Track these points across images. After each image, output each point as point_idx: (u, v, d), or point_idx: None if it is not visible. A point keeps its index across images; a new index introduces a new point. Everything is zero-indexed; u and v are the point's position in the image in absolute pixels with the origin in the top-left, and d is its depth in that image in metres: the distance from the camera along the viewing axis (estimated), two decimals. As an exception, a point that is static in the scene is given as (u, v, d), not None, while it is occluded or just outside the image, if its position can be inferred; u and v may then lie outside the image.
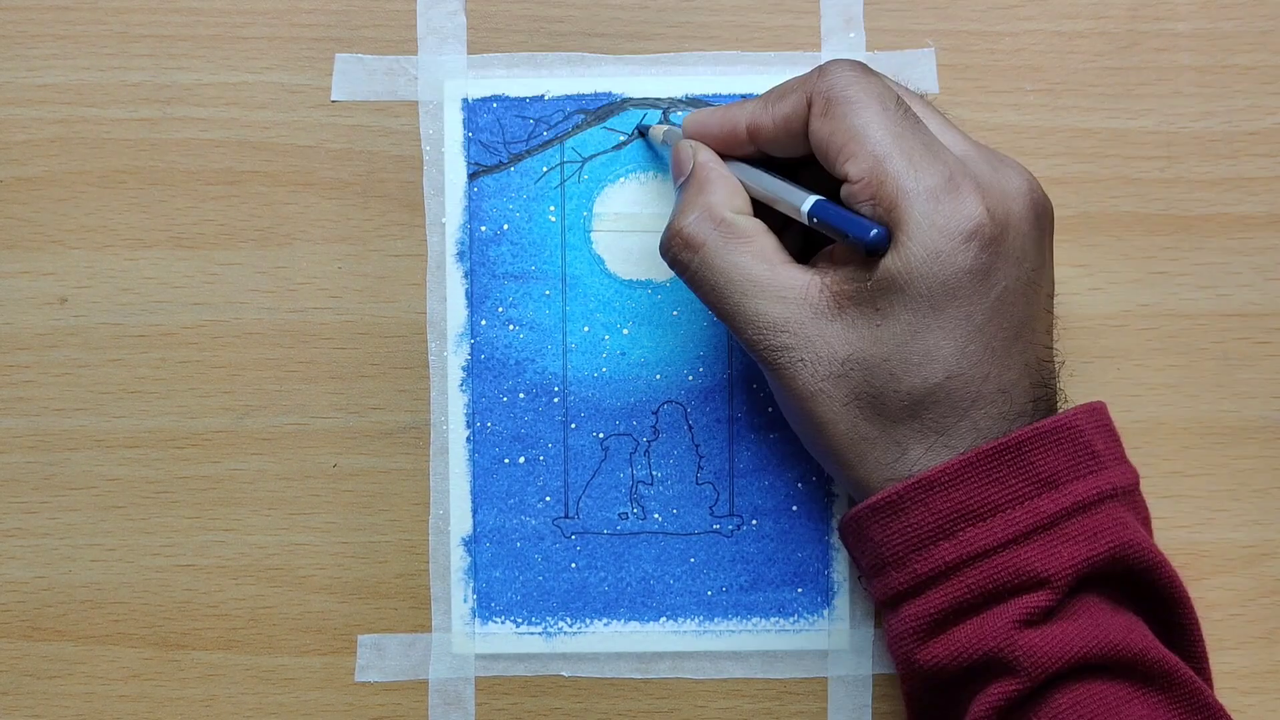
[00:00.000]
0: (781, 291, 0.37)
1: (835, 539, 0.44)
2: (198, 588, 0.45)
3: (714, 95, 0.44)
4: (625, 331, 0.44)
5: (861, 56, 0.44)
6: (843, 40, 0.44)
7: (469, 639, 0.44)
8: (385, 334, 0.44)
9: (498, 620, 0.44)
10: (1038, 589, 0.35)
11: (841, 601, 0.44)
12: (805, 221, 0.37)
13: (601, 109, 0.44)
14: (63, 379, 0.44)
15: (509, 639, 0.44)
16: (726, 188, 0.39)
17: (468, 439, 0.44)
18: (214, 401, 0.44)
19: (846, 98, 0.37)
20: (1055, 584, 0.35)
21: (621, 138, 0.44)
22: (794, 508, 0.44)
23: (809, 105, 0.38)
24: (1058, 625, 0.35)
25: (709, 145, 0.41)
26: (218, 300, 0.44)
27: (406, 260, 0.44)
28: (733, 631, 0.44)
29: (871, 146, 0.36)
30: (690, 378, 0.44)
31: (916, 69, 0.44)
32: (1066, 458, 0.36)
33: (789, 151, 0.39)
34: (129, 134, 0.44)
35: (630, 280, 0.44)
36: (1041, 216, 0.37)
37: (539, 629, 0.44)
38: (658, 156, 0.44)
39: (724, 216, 0.38)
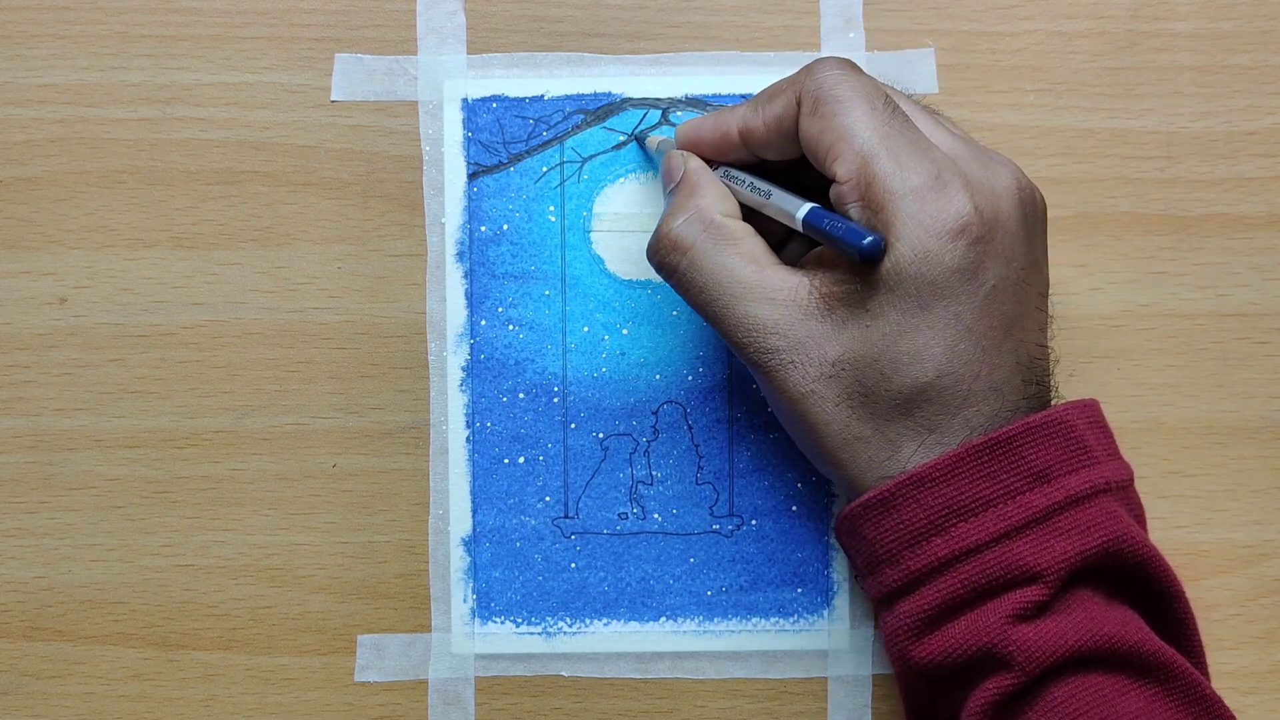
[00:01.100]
0: (770, 293, 0.37)
1: (835, 539, 0.44)
2: (198, 588, 0.45)
3: (714, 95, 0.44)
4: (625, 331, 0.44)
5: (861, 56, 0.44)
6: (842, 40, 0.44)
7: (469, 639, 0.44)
8: (385, 334, 0.44)
9: (497, 620, 0.44)
10: (1030, 583, 0.35)
11: (841, 601, 0.44)
12: (799, 229, 0.37)
13: (601, 109, 0.44)
14: (63, 379, 0.44)
15: (509, 639, 0.44)
16: (715, 192, 0.39)
17: (467, 439, 0.44)
18: (214, 401, 0.44)
19: (835, 96, 0.37)
20: (1048, 578, 0.35)
21: (621, 138, 0.44)
22: (794, 508, 0.44)
23: (798, 104, 0.38)
24: (1051, 620, 0.35)
25: (703, 151, 0.41)
26: (218, 300, 0.44)
27: (406, 260, 0.44)
28: (733, 631, 0.44)
29: (859, 146, 0.36)
30: (690, 378, 0.44)
31: (916, 69, 0.44)
32: (1058, 452, 0.36)
33: (782, 154, 0.39)
34: (129, 134, 0.44)
35: (630, 280, 0.44)
36: (1030, 214, 0.37)
37: (539, 629, 0.44)
38: (657, 157, 0.44)
39: (713, 219, 0.39)
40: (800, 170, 0.40)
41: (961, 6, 0.44)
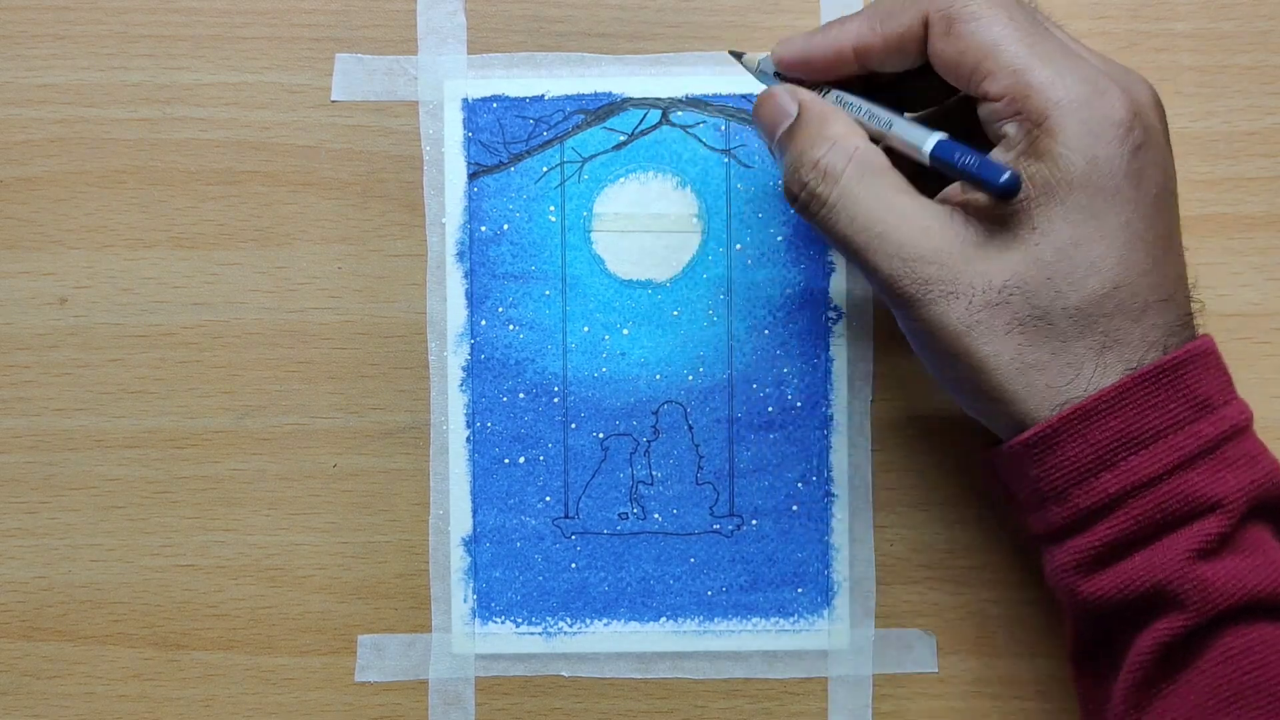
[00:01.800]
0: (926, 221, 0.35)
1: (835, 539, 0.44)
2: (198, 588, 0.45)
3: (714, 95, 0.44)
4: (625, 331, 0.44)
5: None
6: (843, 40, 0.44)
7: (469, 639, 0.44)
8: (385, 334, 0.44)
9: (498, 620, 0.44)
10: (1210, 514, 0.34)
11: (841, 601, 0.44)
12: (925, 161, 0.36)
13: (601, 109, 0.44)
14: (63, 379, 0.44)
15: (509, 639, 0.44)
16: (849, 123, 0.37)
17: (468, 439, 0.44)
18: (214, 401, 0.44)
19: (971, 14, 0.35)
20: (1229, 508, 0.34)
21: (621, 138, 0.44)
22: (794, 508, 0.44)
23: (925, 25, 0.36)
24: (1231, 559, 0.34)
25: (812, 69, 0.38)
26: (218, 300, 0.44)
27: (406, 260, 0.44)
28: (733, 631, 0.44)
29: (1009, 60, 0.34)
30: (690, 378, 0.44)
31: (916, 69, 0.44)
32: (1215, 381, 0.35)
33: (900, 67, 0.37)
34: (129, 134, 0.44)
35: (630, 280, 0.44)
36: (1165, 125, 0.36)
37: (539, 629, 0.44)
38: (657, 156, 0.44)
39: (858, 145, 0.36)
40: (907, 82, 0.38)
41: (961, 6, 0.44)
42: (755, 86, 0.43)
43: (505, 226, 0.44)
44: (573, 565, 0.44)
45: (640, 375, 0.44)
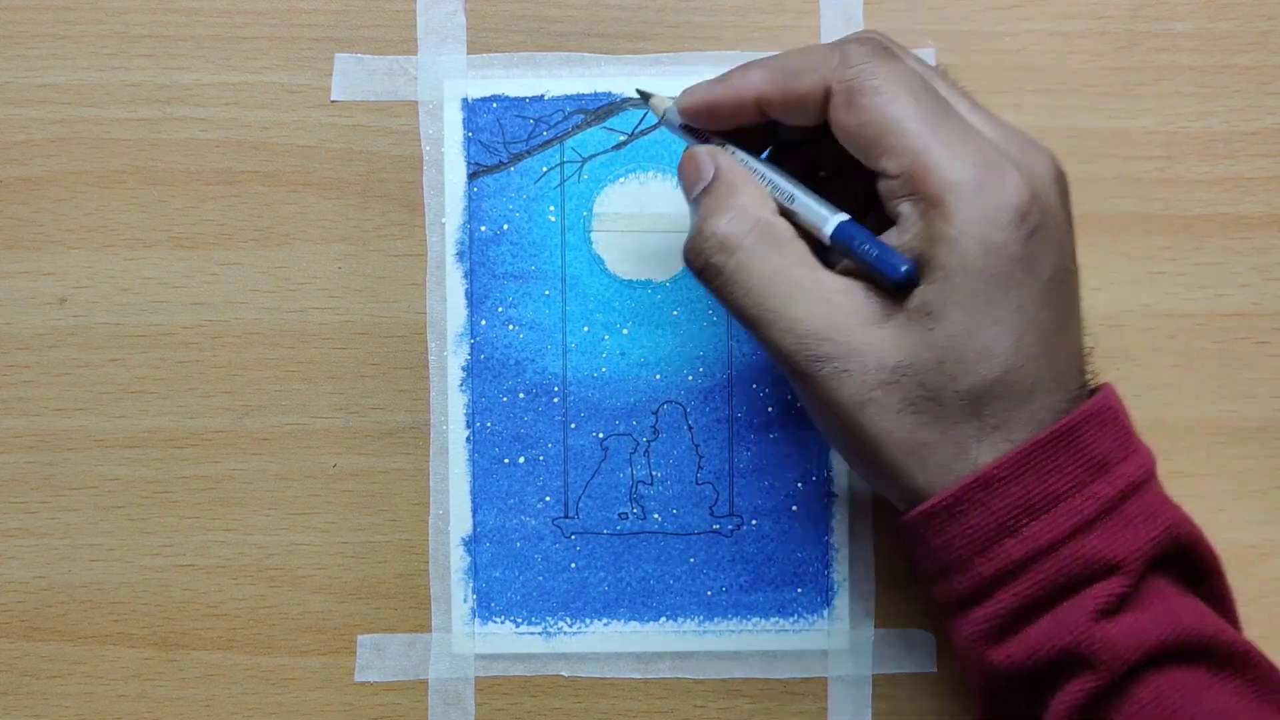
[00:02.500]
0: (825, 296, 0.35)
1: (835, 539, 0.44)
2: (198, 588, 0.45)
3: (714, 95, 0.44)
4: (625, 331, 0.44)
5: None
6: (842, 40, 0.44)
7: (469, 639, 0.44)
8: (385, 334, 0.44)
9: (497, 620, 0.44)
10: (1110, 575, 0.34)
11: (841, 601, 0.44)
12: (827, 239, 0.36)
13: (601, 109, 0.44)
14: (63, 379, 0.44)
15: (509, 639, 0.44)
16: (757, 192, 0.37)
17: (467, 439, 0.44)
18: (214, 401, 0.44)
19: (873, 88, 0.35)
20: (1128, 568, 0.34)
21: (621, 138, 0.44)
22: (794, 508, 0.44)
23: (827, 93, 0.36)
24: (1132, 614, 0.34)
25: (714, 119, 0.38)
26: (218, 300, 0.44)
27: (406, 260, 0.44)
28: (733, 631, 0.44)
29: (908, 140, 0.34)
30: (690, 378, 0.44)
31: (916, 69, 0.44)
32: (1112, 439, 0.35)
33: (801, 124, 0.37)
34: (129, 134, 0.44)
35: (630, 280, 0.44)
36: (1067, 198, 0.36)
37: (539, 629, 0.44)
38: (657, 156, 0.44)
39: (760, 216, 0.36)
40: (816, 139, 0.38)
41: (961, 6, 0.44)
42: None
43: (505, 226, 0.44)
44: (572, 565, 0.44)
45: (640, 375, 0.44)
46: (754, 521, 0.44)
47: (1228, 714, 0.34)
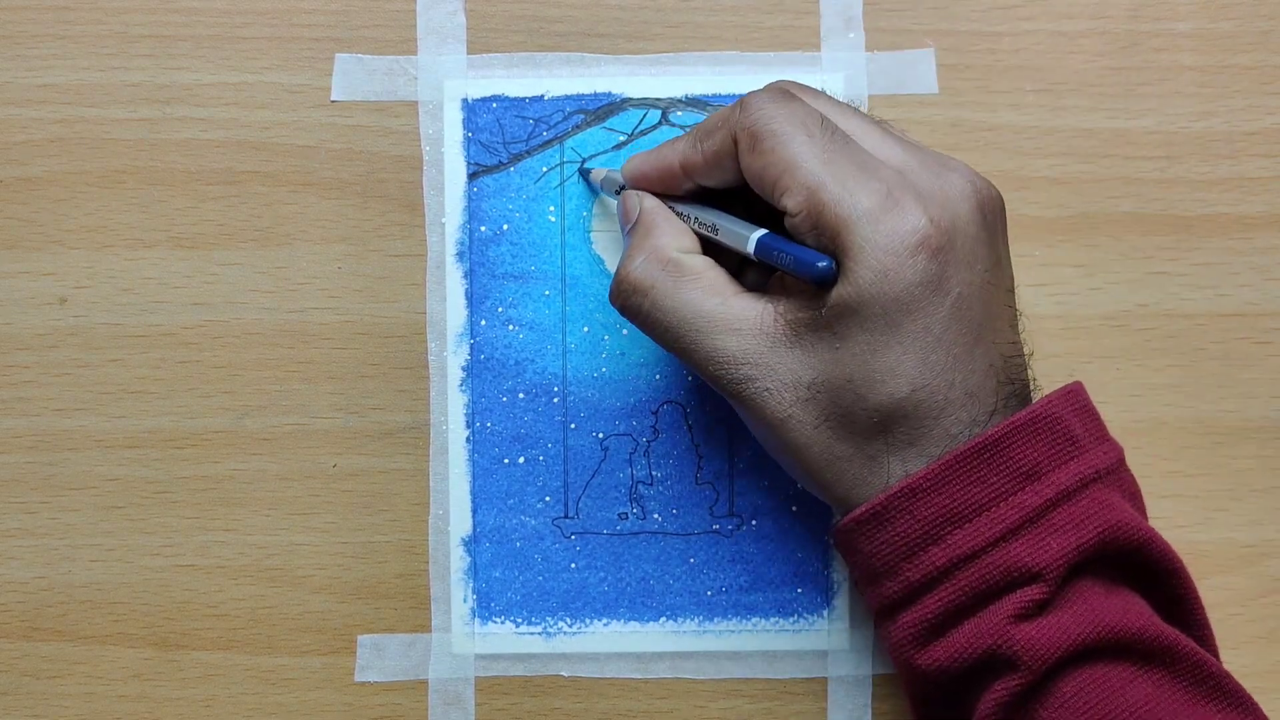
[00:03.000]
0: (735, 324, 0.37)
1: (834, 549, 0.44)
2: (198, 588, 0.45)
3: (714, 95, 0.44)
4: (625, 332, 0.44)
5: (861, 57, 0.44)
6: (842, 40, 0.44)
7: (469, 639, 0.44)
8: (385, 334, 0.44)
9: (497, 620, 0.44)
10: (1030, 583, 0.35)
11: (841, 601, 0.44)
12: (752, 255, 0.37)
13: (601, 109, 0.44)
14: (63, 379, 0.44)
15: (509, 639, 0.44)
16: (672, 230, 0.40)
17: (467, 439, 0.44)
18: (214, 401, 0.44)
19: (771, 131, 0.37)
20: (1047, 576, 0.35)
21: (621, 138, 0.44)
22: (794, 508, 0.44)
23: (735, 142, 0.38)
24: (1053, 615, 0.35)
25: (650, 186, 0.41)
26: (218, 300, 0.44)
27: (406, 260, 0.44)
28: (733, 631, 0.44)
29: (804, 178, 0.36)
30: (690, 378, 0.44)
31: (916, 69, 0.44)
32: (1045, 447, 0.36)
33: (726, 184, 0.39)
34: (129, 134, 0.44)
35: (630, 280, 0.44)
36: (990, 215, 0.37)
37: (539, 629, 0.44)
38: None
39: (670, 256, 0.39)
40: (744, 196, 0.40)
41: (961, 6, 0.44)
42: (755, 86, 0.43)
43: (505, 226, 0.44)
44: (572, 565, 0.44)
45: (640, 375, 0.44)
46: (754, 521, 0.44)
47: (1150, 706, 0.35)
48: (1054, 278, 0.44)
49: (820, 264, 0.35)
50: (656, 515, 0.44)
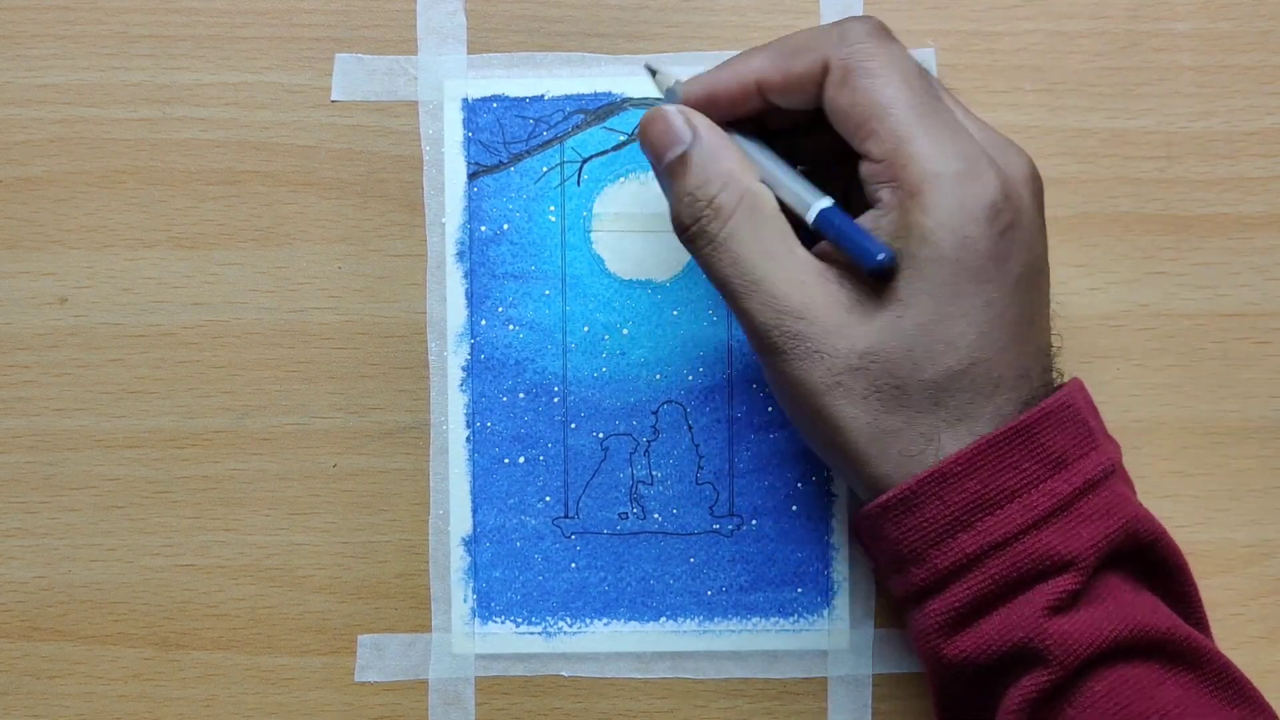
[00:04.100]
0: (803, 276, 0.36)
1: (835, 539, 0.44)
2: (198, 588, 0.45)
3: (714, 95, 0.44)
4: (625, 331, 0.44)
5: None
6: (842, 40, 0.44)
7: (469, 639, 0.44)
8: (385, 334, 0.44)
9: (498, 620, 0.44)
10: (1063, 572, 0.35)
11: (841, 601, 0.44)
12: (810, 223, 0.36)
13: (601, 109, 0.44)
14: (63, 379, 0.44)
15: (509, 639, 0.44)
16: (741, 159, 0.37)
17: (467, 439, 0.44)
18: (214, 401, 0.44)
19: (867, 69, 0.35)
20: (1080, 565, 0.34)
21: (621, 138, 0.44)
22: (794, 508, 0.44)
23: (825, 70, 0.36)
24: (1086, 610, 0.35)
25: (719, 106, 0.38)
26: (218, 300, 0.44)
27: (406, 260, 0.44)
28: (733, 631, 0.44)
29: (894, 125, 0.35)
30: (690, 378, 0.44)
31: (916, 69, 0.44)
32: (1070, 436, 0.36)
33: (800, 106, 0.37)
34: (129, 134, 0.44)
35: (630, 280, 0.44)
36: (1040, 200, 0.37)
37: (539, 629, 0.44)
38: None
39: (750, 186, 0.37)
40: (803, 132, 0.38)
41: (961, 6, 0.44)
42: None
43: (505, 226, 0.44)
44: (572, 565, 0.44)
45: (640, 375, 0.44)
46: (754, 521, 0.44)
47: (1180, 708, 0.34)
48: (1053, 277, 0.44)
49: (880, 255, 0.34)
50: (656, 515, 0.44)
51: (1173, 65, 0.44)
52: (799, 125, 0.39)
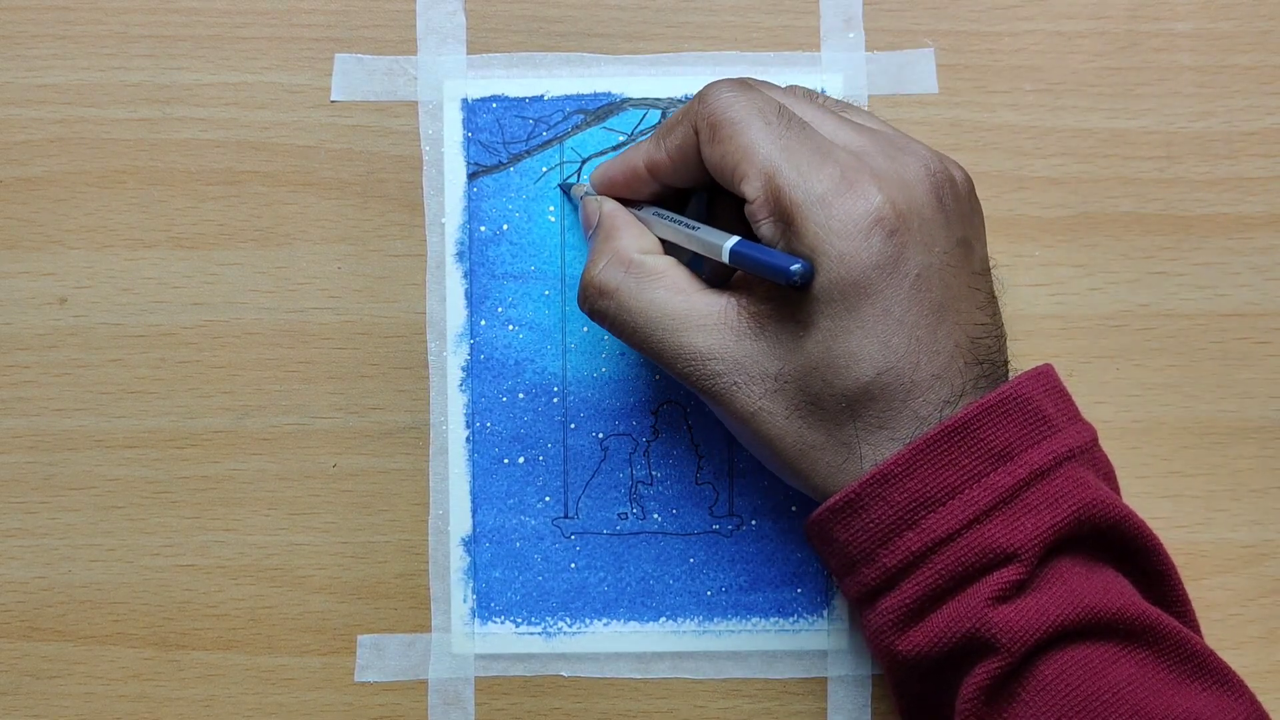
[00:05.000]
0: (701, 321, 0.38)
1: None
2: (198, 588, 0.45)
3: (714, 95, 0.44)
4: (625, 331, 0.44)
5: (861, 56, 0.44)
6: (842, 40, 0.44)
7: (469, 639, 0.44)
8: (385, 334, 0.44)
9: (497, 620, 0.44)
10: (1006, 564, 0.35)
11: (841, 601, 0.44)
12: (727, 262, 0.37)
13: (601, 109, 0.44)
14: (63, 379, 0.44)
15: (509, 639, 0.44)
16: (632, 232, 0.40)
17: (467, 439, 0.44)
18: (214, 401, 0.44)
19: (729, 119, 0.37)
20: (1024, 557, 0.35)
21: (621, 138, 0.44)
22: (793, 508, 0.44)
23: (696, 133, 0.38)
24: (1032, 597, 0.35)
25: (617, 191, 0.41)
26: (218, 300, 0.44)
27: (406, 260, 0.44)
28: (732, 631, 0.44)
29: (760, 163, 0.36)
30: (690, 378, 0.44)
31: (916, 69, 0.44)
32: (1017, 427, 0.36)
33: (692, 180, 0.40)
34: (129, 134, 0.44)
35: (630, 280, 0.44)
36: (947, 197, 0.37)
37: (539, 629, 0.44)
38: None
39: (632, 258, 0.39)
40: (718, 194, 0.40)
41: (961, 6, 0.44)
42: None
43: (505, 226, 0.44)
44: (572, 565, 0.44)
45: (640, 375, 0.44)
46: (754, 521, 0.44)
47: (1132, 685, 0.35)
48: (1053, 277, 0.44)
49: (793, 267, 0.35)
50: (656, 515, 0.44)
51: (1173, 65, 0.44)
52: (711, 186, 0.40)
